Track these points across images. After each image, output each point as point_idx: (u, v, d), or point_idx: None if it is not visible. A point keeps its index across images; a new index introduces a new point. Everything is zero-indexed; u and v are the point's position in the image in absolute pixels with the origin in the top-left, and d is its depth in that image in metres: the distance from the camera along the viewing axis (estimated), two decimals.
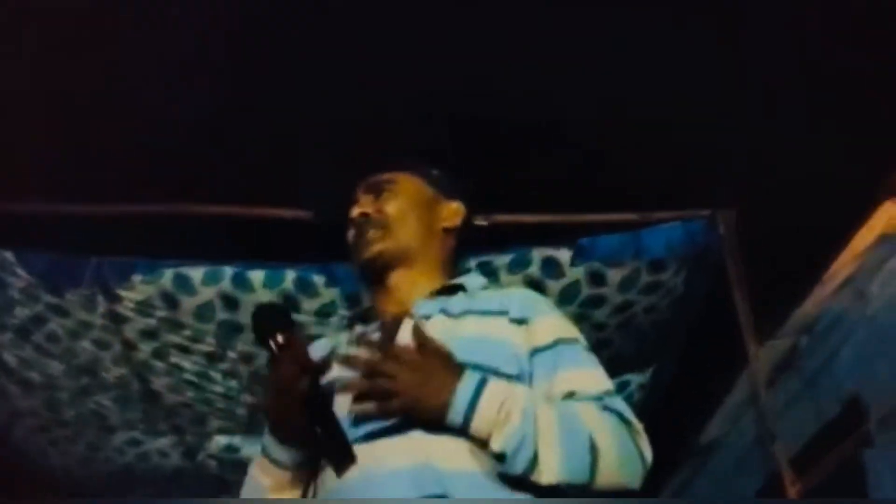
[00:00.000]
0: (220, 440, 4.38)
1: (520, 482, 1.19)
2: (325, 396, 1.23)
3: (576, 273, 3.24)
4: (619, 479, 1.24)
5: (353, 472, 1.21)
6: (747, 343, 3.20)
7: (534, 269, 3.20)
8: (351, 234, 1.53)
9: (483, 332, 1.33)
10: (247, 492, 1.35)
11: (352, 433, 1.24)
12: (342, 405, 1.24)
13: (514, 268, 3.20)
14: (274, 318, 1.29)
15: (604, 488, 1.22)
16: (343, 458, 1.20)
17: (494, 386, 1.21)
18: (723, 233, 3.19)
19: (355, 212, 1.51)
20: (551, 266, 3.22)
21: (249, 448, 4.40)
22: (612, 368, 3.91)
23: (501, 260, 3.18)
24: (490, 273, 3.17)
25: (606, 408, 1.29)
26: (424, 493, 1.16)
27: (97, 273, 3.11)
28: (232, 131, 3.14)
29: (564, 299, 3.26)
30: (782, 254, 3.35)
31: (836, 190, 3.05)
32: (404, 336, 1.34)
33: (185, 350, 3.54)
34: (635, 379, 4.20)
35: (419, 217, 1.51)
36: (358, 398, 1.24)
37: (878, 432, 3.74)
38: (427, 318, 1.36)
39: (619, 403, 1.32)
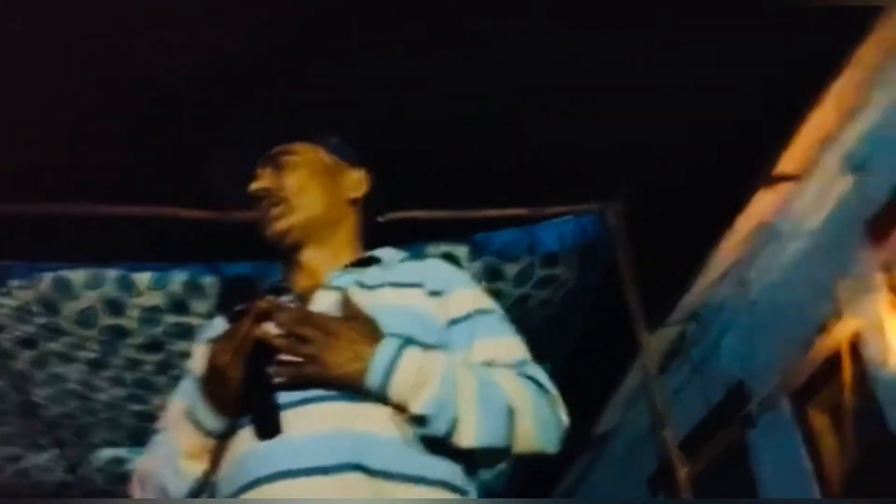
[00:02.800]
0: (106, 452, 4.17)
1: (437, 446, 1.17)
2: (265, 363, 1.20)
3: (472, 269, 3.24)
4: (537, 444, 1.23)
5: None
6: (638, 332, 3.25)
7: None
8: (256, 210, 1.45)
9: (399, 302, 1.30)
10: (157, 450, 1.29)
11: (281, 399, 1.20)
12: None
13: None
14: (239, 290, 1.28)
15: (521, 452, 1.22)
16: (269, 427, 1.18)
17: (412, 351, 1.18)
18: (612, 225, 3.24)
19: (254, 186, 1.42)
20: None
21: (137, 459, 4.22)
22: None
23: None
24: None
25: (524, 375, 1.27)
26: (339, 460, 1.12)
27: None
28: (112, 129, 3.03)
29: None
30: (669, 244, 3.46)
31: (715, 181, 3.18)
32: (317, 306, 1.30)
33: (66, 358, 3.35)
34: None
35: (322, 187, 1.44)
36: (279, 363, 1.20)
37: (758, 414, 3.93)
38: (341, 289, 1.30)
39: (537, 371, 1.30)
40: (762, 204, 3.26)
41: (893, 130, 2.86)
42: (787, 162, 3.04)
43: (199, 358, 1.37)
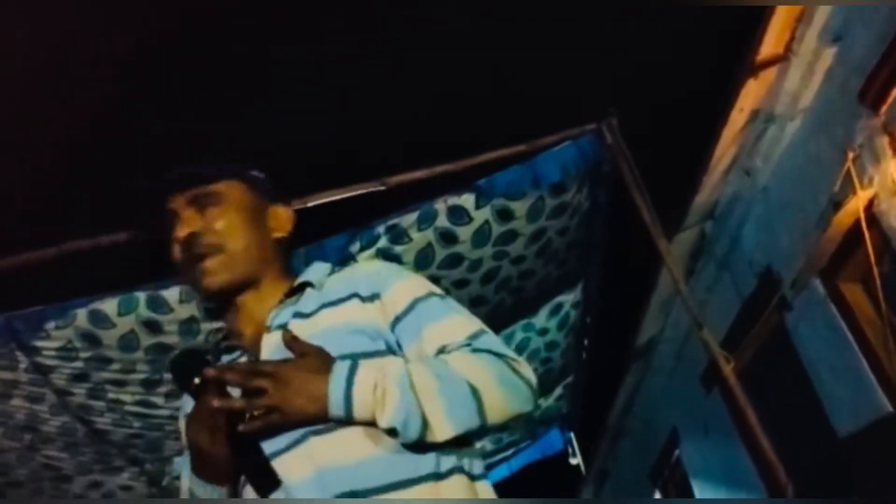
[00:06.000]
0: (180, 461, 4.33)
1: (419, 445, 1.22)
2: (237, 425, 1.23)
3: (483, 214, 3.25)
4: (509, 410, 1.27)
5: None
6: (657, 241, 3.27)
7: (441, 220, 3.18)
8: (179, 253, 1.39)
9: (339, 321, 1.34)
10: None
11: (267, 451, 1.24)
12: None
13: (422, 223, 3.17)
14: (188, 364, 1.29)
15: (499, 422, 1.27)
16: (268, 483, 1.23)
17: (364, 369, 1.22)
18: (610, 141, 3.23)
19: (182, 231, 1.37)
20: (458, 213, 3.21)
21: None
22: (542, 294, 4.04)
23: (408, 219, 3.15)
24: (400, 234, 3.16)
25: (477, 349, 1.29)
26: (333, 494, 1.18)
27: (8, 330, 3.01)
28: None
29: (478, 242, 3.30)
30: (669, 150, 3.47)
31: (701, 78, 3.16)
32: (267, 351, 1.34)
33: (120, 383, 3.47)
34: (567, 298, 4.30)
35: (251, 230, 1.41)
36: (247, 420, 1.23)
37: (792, 297, 3.94)
38: (283, 326, 1.33)
39: (489, 340, 1.33)
40: (752, 92, 3.23)
41: None
42: (768, 47, 3.00)
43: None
